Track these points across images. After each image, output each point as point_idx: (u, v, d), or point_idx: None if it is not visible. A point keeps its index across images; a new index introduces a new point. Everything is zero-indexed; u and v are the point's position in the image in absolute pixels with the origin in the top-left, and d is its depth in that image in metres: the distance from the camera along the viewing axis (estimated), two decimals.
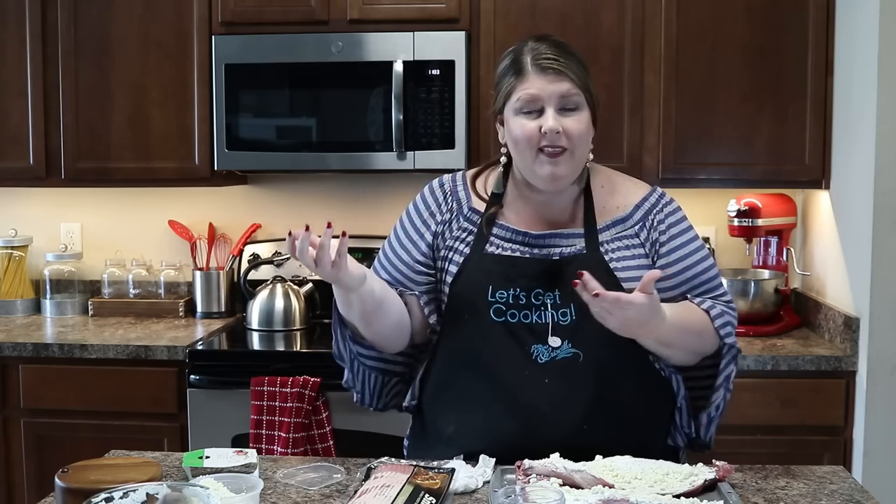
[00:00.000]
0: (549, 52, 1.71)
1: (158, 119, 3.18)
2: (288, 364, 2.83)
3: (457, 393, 1.76)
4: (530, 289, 1.72)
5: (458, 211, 1.83)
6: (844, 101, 2.89)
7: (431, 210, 1.85)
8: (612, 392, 1.70)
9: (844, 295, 2.86)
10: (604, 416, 1.69)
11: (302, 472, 1.68)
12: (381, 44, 3.02)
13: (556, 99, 1.69)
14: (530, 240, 1.77)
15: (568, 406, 1.68)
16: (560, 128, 1.68)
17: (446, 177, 1.90)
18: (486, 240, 1.78)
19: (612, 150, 3.00)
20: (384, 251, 1.88)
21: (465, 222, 1.82)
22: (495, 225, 1.80)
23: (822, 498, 1.56)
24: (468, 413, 1.74)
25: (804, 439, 2.76)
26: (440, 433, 1.79)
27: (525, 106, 1.71)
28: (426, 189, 1.88)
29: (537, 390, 1.69)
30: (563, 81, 1.69)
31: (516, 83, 1.72)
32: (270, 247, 3.43)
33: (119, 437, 2.72)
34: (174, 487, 1.24)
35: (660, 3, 2.99)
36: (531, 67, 1.71)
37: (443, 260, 1.81)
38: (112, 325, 3.24)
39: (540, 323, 1.71)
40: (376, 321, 1.75)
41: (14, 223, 3.56)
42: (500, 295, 1.72)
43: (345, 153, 3.08)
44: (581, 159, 1.75)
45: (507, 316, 1.72)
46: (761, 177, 3.04)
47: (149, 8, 3.15)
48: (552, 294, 1.72)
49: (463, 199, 1.84)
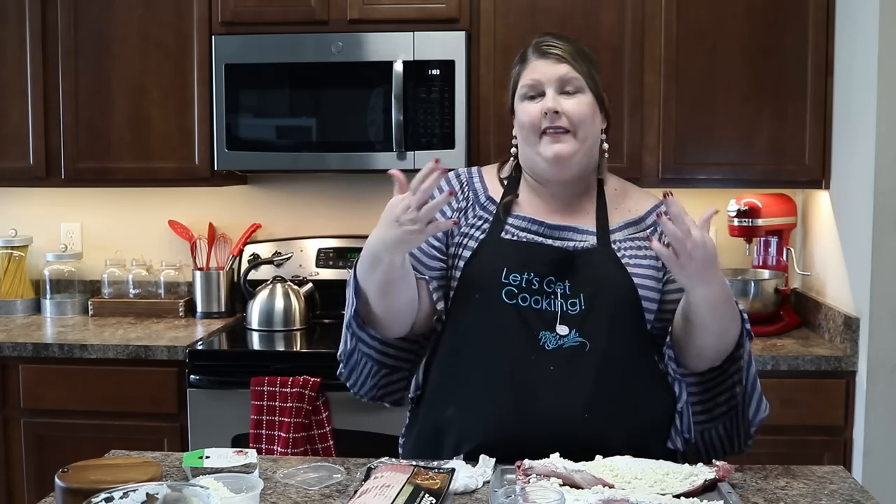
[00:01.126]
0: (550, 40, 1.79)
1: (158, 119, 3.18)
2: (288, 364, 2.83)
3: (460, 373, 1.76)
4: (544, 275, 1.73)
5: (475, 200, 1.85)
6: (844, 101, 2.89)
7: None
8: (615, 384, 1.70)
9: (844, 295, 2.86)
10: (605, 407, 1.69)
11: (302, 472, 1.68)
12: (381, 44, 3.02)
13: (555, 81, 1.75)
14: (546, 230, 1.79)
15: (570, 394, 1.68)
16: (559, 108, 1.73)
17: (461, 169, 1.92)
18: (502, 226, 1.80)
19: (613, 150, 2.91)
20: None
21: (481, 210, 1.84)
22: (511, 214, 1.81)
23: (822, 498, 1.56)
24: (470, 394, 1.73)
25: (804, 439, 2.76)
26: (439, 416, 1.79)
27: (528, 91, 1.77)
28: (441, 180, 1.88)
29: (542, 376, 1.69)
30: (562, 64, 1.75)
31: (521, 71, 1.80)
32: (270, 247, 3.43)
33: (119, 437, 2.72)
34: (174, 487, 1.24)
35: (660, 3, 2.99)
36: (533, 54, 1.79)
37: (457, 246, 1.81)
38: (112, 325, 3.24)
39: (549, 310, 1.72)
40: (393, 292, 1.71)
41: (14, 223, 3.56)
42: (514, 278, 1.73)
43: (345, 153, 3.08)
44: (585, 142, 1.77)
45: (519, 299, 1.73)
46: (761, 177, 3.04)
47: (149, 8, 3.15)
48: (563, 283, 1.73)
49: (479, 189, 1.87)
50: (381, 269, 1.67)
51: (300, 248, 3.42)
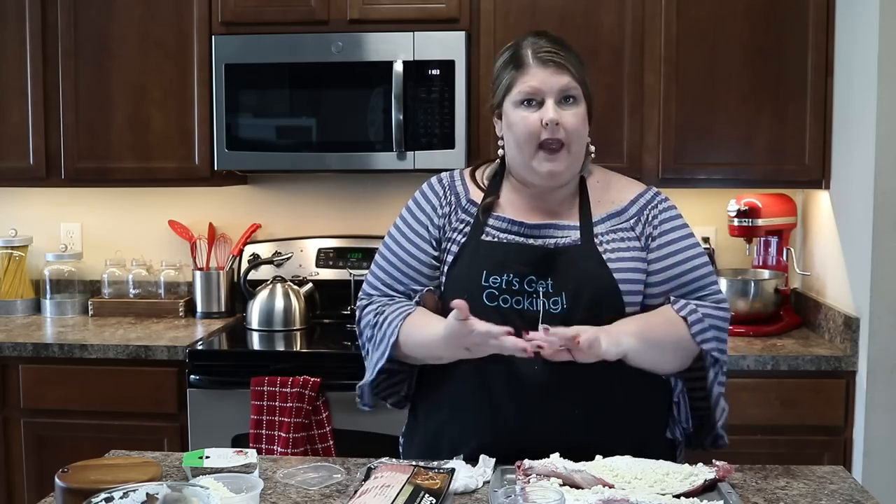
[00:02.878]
0: (549, 46, 1.76)
1: (158, 119, 3.18)
2: (288, 364, 2.83)
3: (450, 379, 1.77)
4: (523, 275, 1.73)
5: (457, 204, 1.85)
6: (844, 101, 2.89)
7: (433, 204, 1.86)
8: (603, 380, 1.70)
9: (844, 295, 2.86)
10: (594, 403, 1.70)
11: (302, 472, 1.69)
12: (381, 44, 3.02)
13: (556, 91, 1.74)
14: (525, 230, 1.79)
15: (560, 392, 1.69)
16: (560, 120, 1.72)
17: (444, 174, 1.92)
18: (482, 228, 1.80)
19: (612, 150, 3.00)
20: (387, 254, 1.87)
21: (464, 214, 1.84)
22: (491, 216, 1.81)
23: (822, 498, 1.56)
24: (460, 399, 1.75)
25: (804, 439, 2.76)
26: (433, 422, 1.80)
27: (525, 98, 1.75)
28: (425, 186, 1.90)
29: (529, 376, 1.69)
30: (564, 75, 1.74)
31: (517, 76, 1.76)
32: (270, 247, 3.43)
33: (119, 437, 2.72)
34: (174, 487, 1.24)
35: (660, 3, 2.99)
36: (532, 60, 1.75)
37: (443, 252, 1.82)
38: (112, 325, 3.24)
39: (531, 310, 1.72)
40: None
41: (14, 223, 3.56)
42: (494, 280, 1.74)
43: (345, 153, 3.08)
44: (577, 155, 1.78)
45: (500, 301, 1.73)
46: (761, 177, 3.04)
47: (149, 8, 3.15)
48: (545, 282, 1.73)
49: (461, 192, 1.86)
50: (438, 360, 1.76)
51: (300, 248, 3.42)
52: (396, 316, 1.77)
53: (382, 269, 1.87)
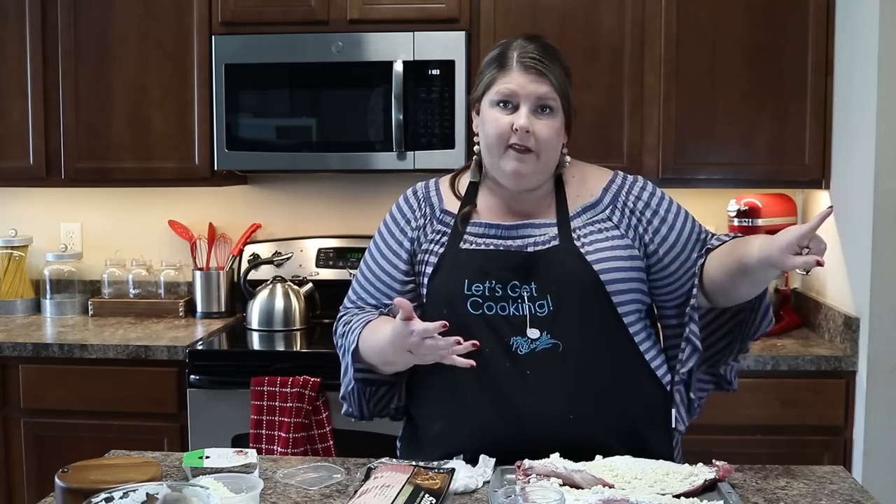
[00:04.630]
0: (535, 53, 1.74)
1: (158, 119, 3.18)
2: (288, 364, 2.83)
3: (441, 389, 1.76)
4: (506, 281, 1.73)
5: (432, 215, 1.84)
6: (844, 101, 2.89)
7: (407, 217, 1.85)
8: (595, 380, 1.70)
9: (844, 295, 2.86)
10: (590, 405, 1.69)
11: (302, 472, 1.69)
12: (380, 44, 3.02)
13: (532, 99, 1.72)
14: (503, 232, 1.78)
15: (552, 396, 1.68)
16: (530, 128, 1.70)
17: (419, 184, 1.91)
18: (460, 237, 1.79)
19: (612, 150, 3.00)
20: (365, 268, 1.88)
21: (439, 224, 1.83)
22: (469, 223, 1.80)
23: (822, 498, 1.56)
24: (453, 409, 1.74)
25: (804, 439, 2.76)
26: (427, 432, 1.80)
27: (502, 99, 1.73)
28: (400, 199, 1.90)
29: (520, 382, 1.69)
30: (543, 83, 1.72)
31: (497, 76, 1.75)
32: (270, 247, 3.43)
33: (119, 437, 2.72)
34: (174, 487, 1.24)
35: (660, 3, 2.99)
36: (516, 64, 1.73)
37: (419, 263, 1.82)
38: (112, 325, 3.24)
39: (517, 315, 1.72)
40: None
41: (14, 223, 3.56)
42: (476, 288, 1.73)
43: (345, 153, 3.08)
44: (547, 163, 1.76)
45: (485, 308, 1.72)
46: (761, 177, 3.04)
47: (149, 8, 3.15)
48: (528, 286, 1.72)
49: (435, 203, 1.85)
50: (391, 365, 1.75)
51: (300, 248, 3.42)
52: (358, 324, 1.78)
53: (358, 283, 1.89)
